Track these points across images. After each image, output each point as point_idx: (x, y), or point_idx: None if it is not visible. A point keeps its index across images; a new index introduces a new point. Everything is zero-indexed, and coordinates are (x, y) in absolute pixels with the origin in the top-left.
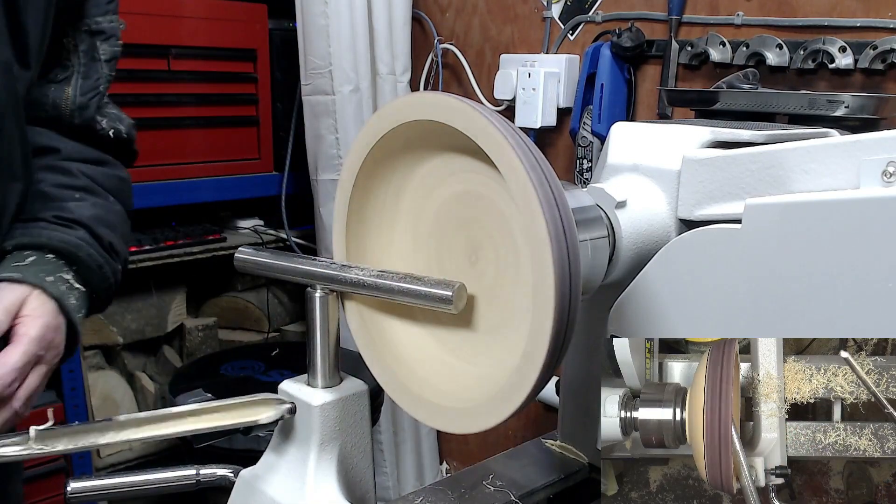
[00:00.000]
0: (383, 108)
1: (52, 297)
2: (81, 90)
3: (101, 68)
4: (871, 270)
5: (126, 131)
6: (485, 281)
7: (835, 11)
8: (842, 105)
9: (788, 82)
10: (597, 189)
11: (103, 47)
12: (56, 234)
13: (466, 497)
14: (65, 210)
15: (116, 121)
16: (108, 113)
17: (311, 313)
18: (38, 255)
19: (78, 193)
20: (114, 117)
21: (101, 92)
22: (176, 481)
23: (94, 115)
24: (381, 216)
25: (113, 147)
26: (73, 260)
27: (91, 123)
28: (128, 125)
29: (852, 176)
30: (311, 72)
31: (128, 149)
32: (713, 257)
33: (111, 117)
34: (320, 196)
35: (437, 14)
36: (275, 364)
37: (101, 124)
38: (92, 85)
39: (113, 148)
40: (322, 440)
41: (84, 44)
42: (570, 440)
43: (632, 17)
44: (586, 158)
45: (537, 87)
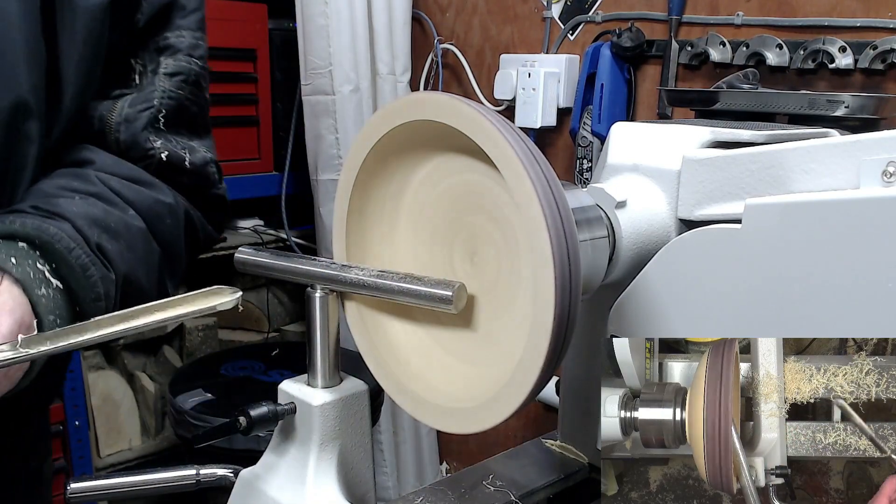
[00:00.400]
0: (383, 108)
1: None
2: (131, 103)
3: (158, 82)
4: (871, 270)
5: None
6: (485, 281)
7: (835, 11)
8: (842, 105)
9: (788, 82)
10: (597, 189)
11: (167, 62)
12: (29, 222)
13: (466, 497)
14: (50, 204)
15: (182, 148)
16: (174, 139)
17: (311, 313)
18: (5, 243)
19: (79, 195)
20: (180, 144)
21: (156, 106)
22: (176, 481)
23: (142, 130)
24: (381, 216)
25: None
26: (49, 252)
27: (139, 140)
28: (201, 158)
29: (852, 176)
30: (311, 72)
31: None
32: (713, 257)
33: (175, 143)
34: (320, 196)
35: (437, 14)
36: (275, 364)
37: (153, 143)
38: (145, 97)
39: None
40: (322, 440)
41: (152, 63)
42: (570, 440)
43: (632, 17)
44: (586, 158)
45: (537, 87)
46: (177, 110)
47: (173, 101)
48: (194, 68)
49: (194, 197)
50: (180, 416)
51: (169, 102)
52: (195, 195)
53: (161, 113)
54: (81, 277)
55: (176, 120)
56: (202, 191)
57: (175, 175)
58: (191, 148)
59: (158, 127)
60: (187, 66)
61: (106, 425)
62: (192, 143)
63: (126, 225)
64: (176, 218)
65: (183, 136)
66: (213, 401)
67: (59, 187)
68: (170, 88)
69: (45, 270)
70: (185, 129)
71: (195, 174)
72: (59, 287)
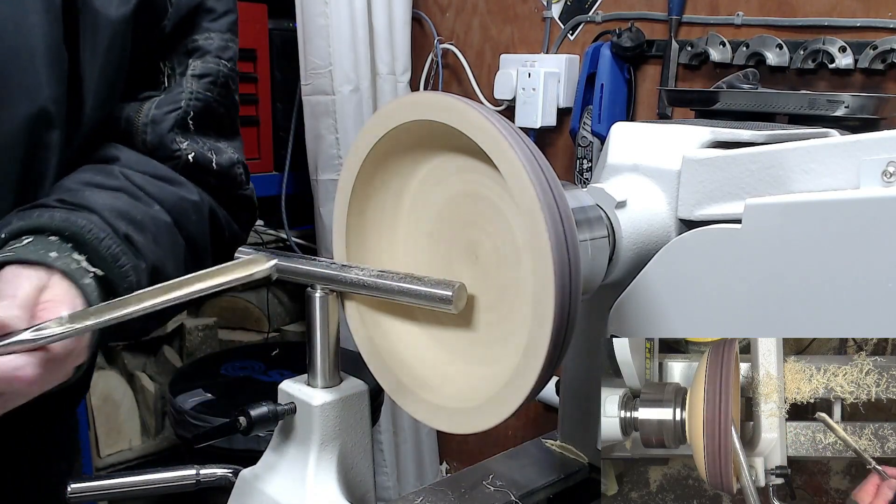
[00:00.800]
0: (383, 108)
1: (67, 277)
2: (158, 104)
3: (186, 83)
4: (871, 270)
5: (220, 163)
6: (485, 281)
7: (835, 11)
8: (842, 105)
9: (788, 82)
10: (597, 189)
11: (195, 63)
12: (58, 215)
13: (466, 497)
14: (76, 196)
15: (209, 150)
16: (201, 140)
17: (311, 313)
18: (37, 238)
19: (104, 190)
20: (207, 146)
21: (183, 108)
22: (176, 481)
23: (168, 132)
24: (381, 216)
25: (198, 178)
26: (80, 243)
27: (165, 141)
28: (228, 159)
29: (852, 176)
30: (311, 72)
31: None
32: (713, 257)
33: (202, 144)
34: (320, 196)
35: (437, 14)
36: (275, 364)
37: (179, 145)
38: (172, 99)
39: (199, 179)
40: (322, 440)
41: (180, 65)
42: (570, 440)
43: (632, 17)
44: (586, 158)
45: (537, 87)
46: (204, 112)
47: (201, 103)
48: (223, 70)
49: (221, 197)
50: (180, 416)
51: (196, 104)
52: (221, 195)
53: (188, 114)
54: (114, 267)
55: (203, 121)
56: (229, 191)
57: (201, 176)
58: (217, 149)
59: (185, 128)
60: (216, 67)
61: (106, 425)
62: (218, 145)
63: (152, 218)
64: (201, 215)
65: (210, 137)
66: (213, 401)
67: (84, 182)
68: (198, 90)
69: (82, 261)
70: (213, 131)
71: (221, 175)
72: (97, 275)
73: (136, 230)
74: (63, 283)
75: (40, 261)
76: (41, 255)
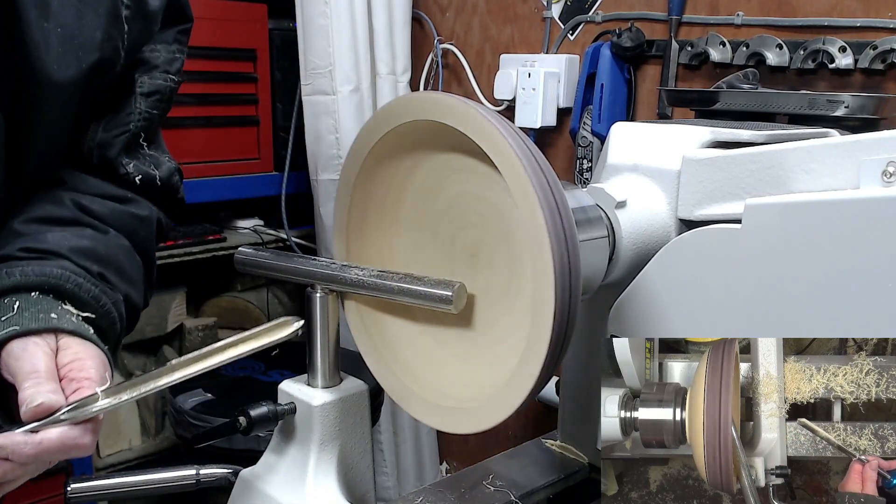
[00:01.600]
0: (383, 107)
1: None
2: (106, 126)
3: (135, 103)
4: (871, 270)
5: (162, 177)
6: (485, 281)
7: (835, 11)
8: (842, 105)
9: (788, 82)
10: (597, 189)
11: (142, 79)
12: (31, 269)
13: (466, 497)
14: (38, 241)
15: (151, 165)
16: (144, 155)
17: (311, 313)
18: (21, 298)
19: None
20: (149, 161)
21: (131, 130)
22: (176, 481)
23: (117, 155)
24: (381, 216)
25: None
26: (61, 294)
27: (113, 164)
28: (167, 170)
29: (852, 176)
30: (311, 72)
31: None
32: (713, 257)
33: (145, 160)
34: (320, 196)
35: (437, 14)
36: (275, 364)
37: (126, 167)
38: (121, 121)
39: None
40: (322, 440)
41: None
42: (570, 440)
43: (632, 17)
44: (586, 158)
45: (537, 87)
46: (149, 128)
47: (147, 122)
48: (170, 85)
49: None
50: (180, 416)
51: (143, 123)
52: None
53: (136, 135)
54: (98, 308)
55: (147, 136)
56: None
57: (147, 193)
58: (157, 162)
59: (132, 149)
60: (164, 83)
61: (106, 425)
62: (158, 157)
63: (114, 247)
64: (150, 228)
65: (151, 148)
66: (213, 401)
67: (38, 219)
68: (146, 109)
69: (77, 313)
70: (153, 144)
71: (165, 188)
72: (91, 317)
73: (105, 266)
74: (74, 341)
75: (46, 327)
76: (42, 320)
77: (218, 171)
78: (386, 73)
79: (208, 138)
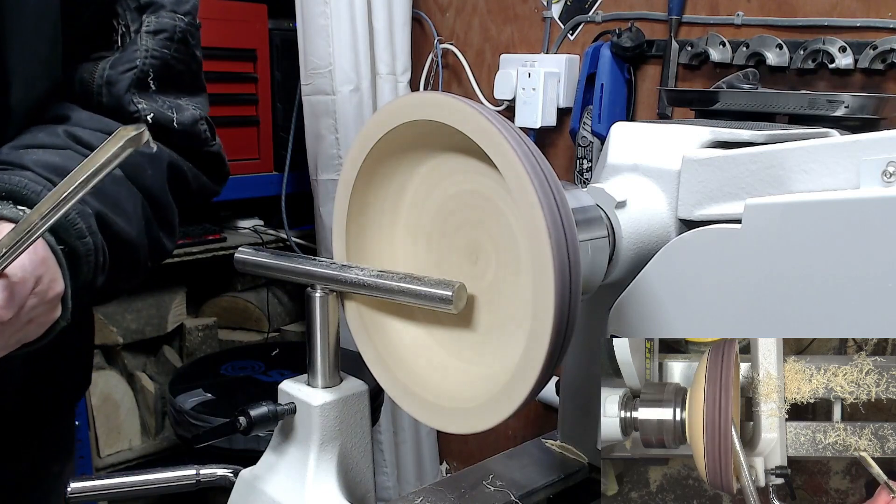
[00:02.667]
0: (384, 107)
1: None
2: (113, 64)
3: (141, 41)
4: (871, 270)
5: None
6: (485, 281)
7: (835, 11)
8: (842, 105)
9: (788, 82)
10: (597, 189)
11: (149, 19)
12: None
13: (466, 497)
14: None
15: (169, 108)
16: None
17: (311, 313)
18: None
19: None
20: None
21: (139, 66)
22: (176, 481)
23: (124, 92)
24: (381, 216)
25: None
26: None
27: (122, 102)
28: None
29: (852, 176)
30: (311, 72)
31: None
32: (713, 257)
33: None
34: (320, 196)
35: (437, 14)
36: (275, 364)
37: (136, 105)
38: (127, 58)
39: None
40: (322, 440)
41: (134, 22)
42: (570, 440)
43: (632, 17)
44: (586, 158)
45: (537, 87)
46: (162, 69)
47: (157, 61)
48: (180, 25)
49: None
50: (180, 416)
51: (153, 62)
52: (188, 153)
53: (146, 73)
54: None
55: (162, 79)
56: (194, 149)
57: (163, 135)
58: (178, 107)
59: (143, 87)
60: (171, 22)
61: (106, 425)
62: (179, 102)
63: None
64: (159, 168)
65: (170, 94)
66: (213, 401)
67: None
68: (153, 47)
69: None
70: (173, 88)
71: (184, 133)
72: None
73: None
74: None
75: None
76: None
77: None
78: (386, 73)
79: None
